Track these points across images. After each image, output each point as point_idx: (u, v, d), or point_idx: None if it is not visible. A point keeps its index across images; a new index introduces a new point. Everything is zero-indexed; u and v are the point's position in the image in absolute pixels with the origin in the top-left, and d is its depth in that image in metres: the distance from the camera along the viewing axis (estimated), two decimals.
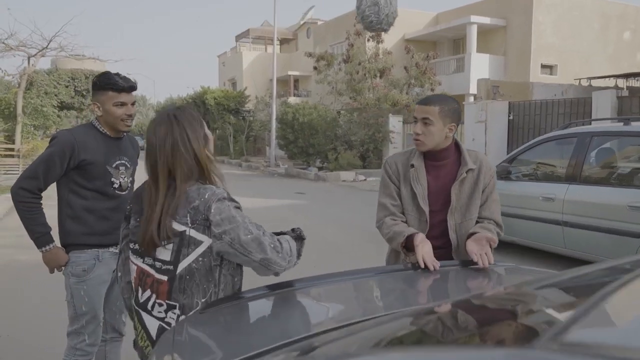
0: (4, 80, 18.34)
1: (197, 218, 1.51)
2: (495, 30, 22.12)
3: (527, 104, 12.84)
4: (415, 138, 2.17)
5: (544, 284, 1.31)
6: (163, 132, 1.56)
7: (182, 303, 1.54)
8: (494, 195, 2.20)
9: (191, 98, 33.13)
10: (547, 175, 5.94)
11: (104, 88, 2.31)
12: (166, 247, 1.54)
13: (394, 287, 1.69)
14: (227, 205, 1.53)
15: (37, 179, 2.27)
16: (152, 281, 1.57)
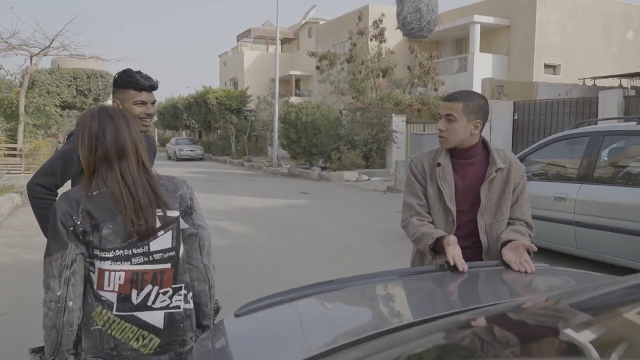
0: (6, 80, 18.27)
1: (182, 205, 1.64)
2: (499, 30, 22.06)
3: (532, 104, 12.80)
4: (439, 135, 2.12)
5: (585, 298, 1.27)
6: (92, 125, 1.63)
7: (187, 282, 1.66)
8: (524, 195, 2.14)
9: (193, 98, 33.09)
10: (559, 174, 5.88)
11: (125, 86, 2.29)
12: (161, 236, 1.59)
13: (434, 289, 1.64)
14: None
15: (54, 176, 2.25)
16: (152, 275, 1.59)
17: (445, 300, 1.55)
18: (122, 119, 1.62)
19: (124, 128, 1.60)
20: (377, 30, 19.52)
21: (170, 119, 38.79)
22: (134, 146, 1.60)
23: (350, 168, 16.59)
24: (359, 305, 1.49)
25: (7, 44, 15.52)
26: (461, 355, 1.01)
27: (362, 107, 18.77)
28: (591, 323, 1.19)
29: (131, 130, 1.62)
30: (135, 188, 1.55)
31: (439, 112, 2.13)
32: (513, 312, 1.30)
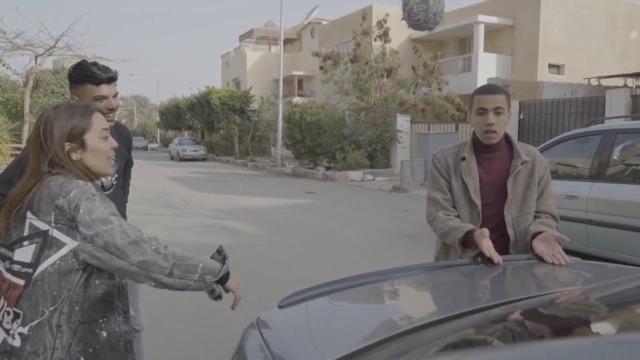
0: (10, 80, 18.33)
1: (61, 218, 1.38)
2: (503, 30, 22.04)
3: (538, 104, 12.78)
4: (489, 130, 2.05)
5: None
6: (38, 121, 1.50)
7: (25, 312, 1.38)
8: (549, 188, 2.14)
9: (195, 98, 33.13)
10: (570, 173, 5.87)
11: (82, 81, 2.10)
12: (26, 246, 1.40)
13: (469, 283, 1.63)
14: (97, 206, 1.40)
15: (12, 184, 2.16)
16: (7, 286, 1.42)
17: (484, 294, 1.54)
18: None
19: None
20: (381, 30, 19.52)
21: (173, 119, 38.85)
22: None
23: (355, 168, 16.58)
24: (397, 299, 1.48)
25: (13, 44, 15.54)
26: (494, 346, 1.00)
27: (367, 107, 18.76)
28: (627, 316, 1.18)
29: None
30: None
31: (482, 107, 2.05)
32: (549, 306, 1.28)
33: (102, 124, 1.54)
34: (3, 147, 10.42)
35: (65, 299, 1.38)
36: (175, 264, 1.41)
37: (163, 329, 3.74)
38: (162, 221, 8.38)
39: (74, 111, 1.50)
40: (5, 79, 17.86)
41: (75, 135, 1.47)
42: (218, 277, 1.48)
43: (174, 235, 7.11)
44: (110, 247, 1.36)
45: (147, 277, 1.40)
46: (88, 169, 1.50)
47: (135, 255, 1.37)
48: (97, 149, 1.51)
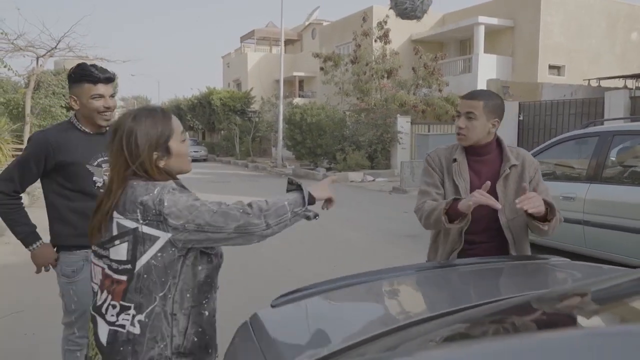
0: (12, 81, 18.38)
1: (148, 214, 1.44)
2: (503, 31, 22.08)
3: (538, 105, 12.82)
4: (458, 132, 2.16)
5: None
6: (114, 139, 1.53)
7: (138, 302, 1.46)
8: (542, 185, 2.18)
9: (197, 99, 33.17)
10: (567, 174, 5.91)
11: (80, 80, 2.22)
12: (117, 245, 1.47)
13: (450, 284, 1.67)
14: (179, 197, 1.47)
15: (13, 182, 2.24)
16: (110, 282, 1.50)
17: (468, 294, 1.58)
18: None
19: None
20: (381, 32, 19.55)
21: None
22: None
23: (355, 169, 16.61)
24: (386, 298, 1.53)
25: (14, 45, 15.56)
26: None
27: (367, 108, 18.80)
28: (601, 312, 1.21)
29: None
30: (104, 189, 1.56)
31: (458, 110, 2.16)
32: (530, 304, 1.31)
33: (179, 127, 1.59)
34: (4, 148, 10.47)
35: (172, 286, 1.46)
36: (266, 215, 1.47)
37: None
38: None
39: (156, 119, 1.53)
40: (7, 80, 17.93)
41: (161, 143, 1.52)
42: (305, 204, 1.54)
43: None
44: (203, 227, 1.42)
45: (249, 238, 1.47)
46: (170, 172, 1.55)
47: (227, 224, 1.43)
48: (180, 153, 1.57)
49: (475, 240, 2.15)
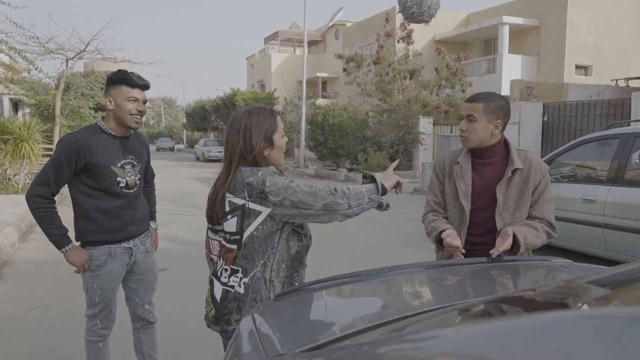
0: (43, 83, 18.91)
1: (253, 192, 1.72)
2: (528, 30, 21.77)
3: (562, 105, 12.61)
4: (460, 134, 2.21)
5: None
6: (232, 131, 1.83)
7: (244, 267, 1.77)
8: (546, 196, 2.18)
9: (221, 100, 33.56)
10: (588, 176, 5.84)
11: (119, 83, 2.38)
12: (229, 219, 1.76)
13: (447, 282, 1.73)
14: (278, 178, 1.74)
15: (50, 185, 2.35)
16: (225, 250, 1.81)
17: (454, 291, 1.65)
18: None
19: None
20: (404, 32, 19.50)
21: (199, 120, 39.42)
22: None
23: (377, 169, 16.60)
24: (387, 293, 1.59)
25: (45, 48, 16.04)
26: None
27: (389, 109, 18.77)
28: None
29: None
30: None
31: (461, 113, 2.21)
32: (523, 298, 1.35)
33: (281, 124, 1.89)
34: (35, 148, 10.79)
35: (270, 255, 1.76)
36: (349, 197, 1.74)
37: (176, 326, 3.90)
38: (186, 220, 8.59)
39: (265, 116, 1.84)
40: (38, 82, 18.45)
41: (268, 136, 1.82)
42: (380, 192, 1.79)
43: (197, 234, 7.30)
44: (297, 203, 1.70)
45: (333, 215, 1.73)
46: (270, 162, 1.84)
47: (317, 202, 1.70)
48: (280, 146, 1.87)
49: (478, 242, 2.19)
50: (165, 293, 4.66)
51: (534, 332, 0.79)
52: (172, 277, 5.24)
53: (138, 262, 2.61)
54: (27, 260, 5.77)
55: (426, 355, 0.86)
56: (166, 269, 5.49)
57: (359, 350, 0.96)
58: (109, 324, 2.61)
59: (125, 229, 2.48)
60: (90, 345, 2.60)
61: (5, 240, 6.04)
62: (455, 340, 0.87)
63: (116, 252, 2.48)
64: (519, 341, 0.79)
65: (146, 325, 2.78)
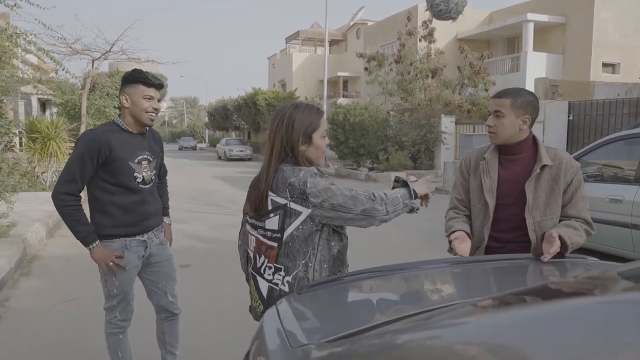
0: (69, 83, 19.29)
1: (294, 193, 1.74)
2: (554, 28, 21.39)
3: (589, 104, 12.36)
4: (488, 131, 2.20)
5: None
6: (275, 121, 1.85)
7: (286, 266, 1.79)
8: (580, 193, 2.14)
9: (242, 99, 33.78)
10: (615, 176, 5.72)
11: (136, 81, 2.46)
12: (272, 217, 1.78)
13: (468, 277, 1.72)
14: (319, 180, 1.75)
15: (76, 182, 2.40)
16: (265, 248, 1.84)
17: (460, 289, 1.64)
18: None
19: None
20: (426, 31, 19.35)
21: (221, 120, 39.76)
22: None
23: (398, 169, 16.52)
24: (405, 288, 1.60)
25: (72, 49, 16.39)
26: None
27: (411, 108, 18.64)
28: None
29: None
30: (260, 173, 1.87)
31: (489, 109, 2.19)
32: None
33: (325, 125, 1.91)
34: (62, 146, 11.05)
35: (311, 255, 1.78)
36: (387, 203, 1.76)
37: (197, 323, 3.95)
38: (208, 218, 8.68)
39: (311, 112, 1.87)
40: (65, 82, 18.84)
41: (307, 133, 1.84)
42: (413, 197, 1.84)
43: (219, 232, 7.38)
44: (336, 207, 1.72)
45: (371, 221, 1.75)
46: (308, 160, 1.85)
47: (356, 207, 1.72)
48: (318, 146, 1.88)
49: (503, 238, 2.17)
50: (188, 289, 4.73)
51: (560, 318, 0.79)
52: (195, 273, 5.30)
53: (153, 254, 2.68)
54: (55, 256, 5.91)
55: (448, 343, 0.86)
56: (189, 265, 5.56)
57: (381, 338, 0.96)
58: (127, 316, 2.69)
59: (141, 223, 2.55)
60: (110, 337, 2.68)
61: (34, 236, 6.20)
62: (477, 329, 0.87)
63: (132, 245, 2.55)
64: (544, 328, 0.79)
65: (170, 317, 2.84)
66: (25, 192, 9.43)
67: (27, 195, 9.15)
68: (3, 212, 6.05)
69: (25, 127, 11.30)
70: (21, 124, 12.61)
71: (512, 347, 0.78)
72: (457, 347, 0.83)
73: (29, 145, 10.94)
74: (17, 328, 3.77)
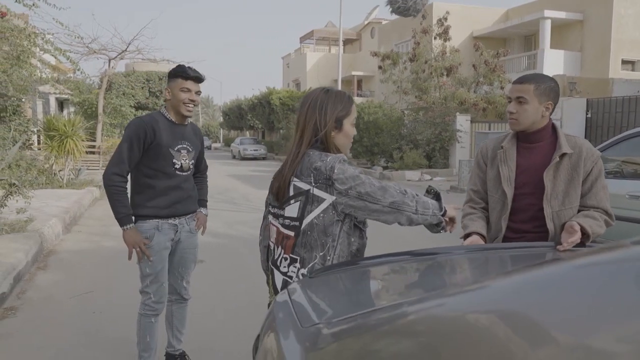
0: (86, 82, 19.57)
1: (319, 178, 1.66)
2: (572, 25, 21.10)
3: (607, 101, 12.16)
4: (510, 117, 2.12)
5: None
6: (306, 105, 1.79)
7: (302, 257, 1.70)
8: (600, 183, 2.07)
9: (257, 99, 33.89)
10: (635, 172, 5.60)
11: (176, 76, 2.65)
12: (292, 204, 1.70)
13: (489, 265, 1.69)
14: (347, 167, 1.67)
15: (125, 163, 2.58)
16: (282, 237, 1.76)
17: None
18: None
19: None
20: (441, 29, 19.23)
21: (235, 119, 39.94)
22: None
23: (413, 168, 16.43)
24: (417, 274, 1.58)
25: (89, 48, 16.62)
26: None
27: (425, 107, 18.52)
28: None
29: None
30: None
31: (509, 95, 2.13)
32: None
33: (355, 112, 1.84)
34: (79, 144, 11.18)
35: (330, 248, 1.69)
36: (417, 202, 1.68)
37: (207, 319, 3.95)
38: (222, 216, 8.71)
39: (343, 97, 1.80)
40: (82, 82, 19.10)
41: (338, 118, 1.77)
42: (443, 211, 1.74)
43: (233, 229, 7.40)
44: (363, 195, 1.64)
45: (398, 216, 1.66)
46: (337, 147, 1.79)
47: (385, 198, 1.64)
48: (348, 133, 1.81)
49: (521, 229, 2.11)
50: (200, 284, 4.74)
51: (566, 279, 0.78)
52: (209, 267, 5.32)
53: (182, 240, 2.81)
54: (71, 250, 5.97)
55: (459, 314, 0.84)
56: (203, 261, 5.58)
57: (390, 312, 0.94)
58: (161, 298, 2.77)
59: (173, 206, 2.71)
60: (143, 319, 2.77)
61: (51, 231, 6.27)
62: (486, 296, 0.85)
63: (163, 227, 2.70)
64: (551, 290, 0.77)
65: (180, 300, 2.96)
66: (42, 189, 9.56)
67: (44, 192, 9.27)
68: (21, 208, 6.14)
69: (43, 125, 11.47)
70: (39, 122, 12.81)
71: (520, 312, 0.78)
72: (466, 315, 0.81)
73: (46, 142, 11.09)
74: (33, 319, 3.82)
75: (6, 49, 9.03)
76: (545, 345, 0.71)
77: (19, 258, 4.81)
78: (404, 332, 0.89)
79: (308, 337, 1.01)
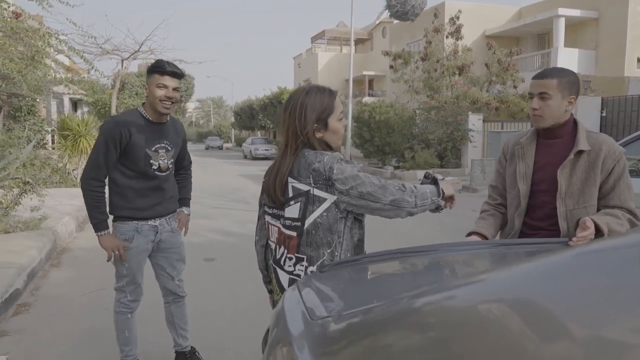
0: (100, 82, 19.77)
1: (319, 179, 1.65)
2: (586, 23, 20.84)
3: (623, 100, 12.01)
4: (533, 114, 2.06)
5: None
6: (287, 110, 1.76)
7: (309, 255, 1.69)
8: (623, 181, 1.97)
9: (268, 98, 33.99)
10: None
11: (153, 71, 2.53)
12: (292, 205, 1.69)
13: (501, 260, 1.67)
14: (345, 166, 1.67)
15: (101, 167, 2.52)
16: (284, 238, 1.74)
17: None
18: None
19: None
20: (453, 27, 19.11)
21: (247, 119, 40.08)
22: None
23: (424, 167, 16.35)
24: (427, 270, 1.57)
25: (102, 49, 16.77)
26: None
27: (437, 106, 18.42)
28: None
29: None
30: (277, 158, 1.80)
31: (530, 92, 2.06)
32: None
33: (340, 107, 1.80)
34: (92, 143, 11.29)
35: (337, 244, 1.70)
36: (416, 196, 1.70)
37: (214, 317, 3.96)
38: (233, 215, 8.75)
39: (323, 96, 1.76)
40: (96, 82, 19.29)
41: (322, 118, 1.74)
42: (441, 195, 1.78)
43: (244, 228, 7.41)
44: (365, 195, 1.64)
45: (398, 212, 1.69)
46: (327, 145, 1.77)
47: (385, 196, 1.65)
48: (335, 129, 1.78)
49: (537, 226, 2.08)
50: (210, 282, 4.76)
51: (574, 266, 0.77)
52: (219, 266, 5.34)
53: (164, 240, 2.75)
54: (84, 248, 6.02)
55: (467, 305, 0.83)
56: (214, 259, 5.60)
57: (398, 305, 0.93)
58: (137, 297, 2.77)
59: (153, 208, 2.64)
60: (119, 316, 2.77)
61: (64, 229, 6.33)
62: (494, 285, 0.84)
63: (143, 229, 2.64)
64: (558, 277, 0.77)
65: (177, 299, 2.93)
66: (56, 188, 9.67)
67: (58, 190, 9.37)
68: (35, 206, 6.21)
69: (57, 125, 11.60)
70: (53, 122, 12.96)
71: (528, 299, 0.77)
72: (475, 305, 0.80)
73: (60, 142, 11.22)
74: (46, 316, 3.85)
75: (21, 50, 9.12)
76: (554, 333, 0.71)
77: (32, 255, 4.87)
78: (414, 324, 0.88)
79: (318, 330, 1.00)
